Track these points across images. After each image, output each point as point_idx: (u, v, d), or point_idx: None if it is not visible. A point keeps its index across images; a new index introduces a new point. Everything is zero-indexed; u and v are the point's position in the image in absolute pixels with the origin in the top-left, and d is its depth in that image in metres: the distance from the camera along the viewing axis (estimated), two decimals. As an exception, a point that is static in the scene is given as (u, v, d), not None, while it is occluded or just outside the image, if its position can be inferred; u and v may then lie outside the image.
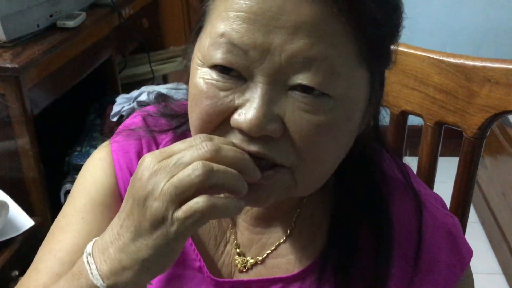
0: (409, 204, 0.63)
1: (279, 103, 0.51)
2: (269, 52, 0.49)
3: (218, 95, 0.52)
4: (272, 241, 0.65)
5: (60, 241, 0.66)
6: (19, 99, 1.25)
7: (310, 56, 0.49)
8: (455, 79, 0.80)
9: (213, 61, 0.52)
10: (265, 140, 0.51)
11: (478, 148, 0.81)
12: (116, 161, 0.68)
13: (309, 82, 0.50)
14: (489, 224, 2.11)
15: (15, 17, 1.33)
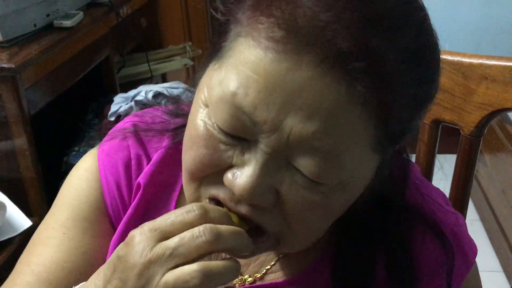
0: (433, 242, 0.60)
1: (277, 174, 0.47)
2: (279, 130, 0.45)
3: (217, 147, 0.48)
4: (271, 258, 0.63)
5: (40, 255, 0.63)
6: (16, 99, 1.25)
7: (317, 147, 0.45)
8: (452, 77, 0.79)
9: (216, 120, 0.48)
10: (252, 208, 0.48)
11: (476, 145, 0.80)
12: (102, 174, 0.64)
13: (309, 172, 0.46)
14: (489, 221, 2.11)
15: (12, 16, 1.32)
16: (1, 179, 1.33)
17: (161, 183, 0.64)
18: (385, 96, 0.45)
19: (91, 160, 0.66)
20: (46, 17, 1.47)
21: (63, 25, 1.48)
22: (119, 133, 0.66)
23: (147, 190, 0.63)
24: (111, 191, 0.64)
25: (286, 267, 0.62)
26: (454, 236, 0.61)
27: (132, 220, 0.63)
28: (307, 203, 0.48)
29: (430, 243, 0.60)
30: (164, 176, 0.64)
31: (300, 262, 0.61)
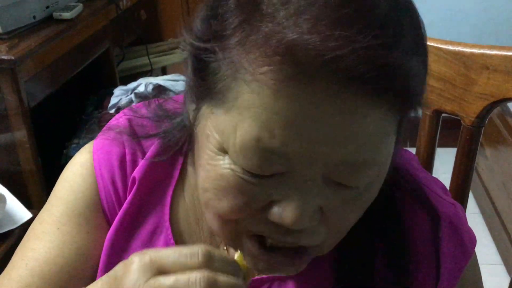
0: (423, 216, 0.60)
1: (318, 194, 0.46)
2: (315, 159, 0.44)
3: (253, 191, 0.46)
4: None
5: (34, 250, 0.63)
6: (16, 92, 1.25)
7: (358, 162, 0.44)
8: (453, 67, 0.79)
9: (245, 166, 0.45)
10: (301, 233, 0.47)
11: (477, 136, 0.80)
12: (97, 170, 0.64)
13: (355, 184, 0.46)
14: (490, 214, 2.11)
15: (11, 8, 1.33)
16: (1, 171, 1.33)
17: (157, 178, 0.63)
18: (406, 96, 0.45)
19: (87, 155, 0.65)
20: (46, 9, 1.47)
21: (63, 17, 1.48)
22: (114, 128, 0.65)
23: (142, 185, 0.63)
24: (106, 187, 0.63)
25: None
26: (452, 226, 0.61)
27: (128, 215, 0.63)
28: (350, 210, 0.48)
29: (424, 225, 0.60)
30: (159, 171, 0.63)
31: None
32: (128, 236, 0.63)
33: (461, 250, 0.61)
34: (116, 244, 0.62)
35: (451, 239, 0.61)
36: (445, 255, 0.61)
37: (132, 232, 0.63)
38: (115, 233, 0.62)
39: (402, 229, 0.59)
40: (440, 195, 0.63)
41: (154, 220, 0.63)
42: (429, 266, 0.60)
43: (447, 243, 0.61)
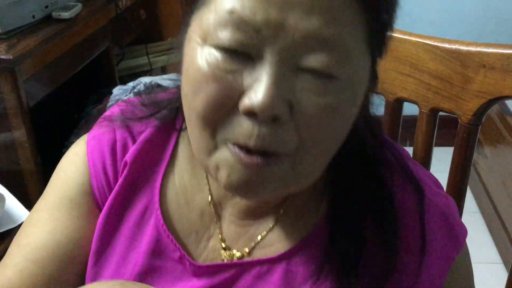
0: (409, 191, 0.61)
1: (287, 84, 0.48)
2: (283, 30, 0.46)
3: (225, 78, 0.48)
4: (259, 232, 0.63)
5: (28, 236, 0.65)
6: (15, 91, 1.25)
7: (325, 36, 0.47)
8: (450, 65, 0.79)
9: (220, 42, 0.48)
10: (271, 126, 0.48)
11: (474, 134, 0.80)
12: (89, 157, 0.66)
13: (322, 65, 0.48)
14: (489, 213, 2.11)
15: (10, 8, 1.33)
16: (1, 170, 1.33)
17: (147, 162, 0.65)
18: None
19: (81, 145, 0.67)
20: (45, 9, 1.47)
21: (62, 17, 1.48)
22: (107, 119, 0.68)
23: (133, 168, 0.64)
24: (98, 173, 0.65)
25: (276, 242, 0.62)
26: (443, 216, 0.61)
27: (119, 197, 0.64)
28: (320, 108, 0.49)
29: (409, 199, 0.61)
30: (150, 154, 0.65)
31: (290, 238, 0.61)
32: (119, 218, 0.64)
33: (452, 239, 0.62)
34: (108, 226, 0.64)
35: (442, 229, 0.61)
36: (435, 245, 0.61)
37: (123, 214, 0.64)
38: (106, 216, 0.64)
39: (390, 199, 0.60)
40: (432, 187, 0.64)
41: (144, 202, 0.64)
42: (414, 236, 0.60)
43: (437, 233, 0.61)
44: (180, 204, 0.64)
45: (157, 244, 0.62)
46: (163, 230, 0.63)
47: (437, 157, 0.90)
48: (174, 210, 0.64)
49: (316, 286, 0.59)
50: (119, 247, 0.64)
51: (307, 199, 0.63)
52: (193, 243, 0.63)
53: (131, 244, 0.63)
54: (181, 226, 0.63)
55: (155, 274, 0.62)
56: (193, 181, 0.65)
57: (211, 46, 0.49)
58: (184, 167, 0.65)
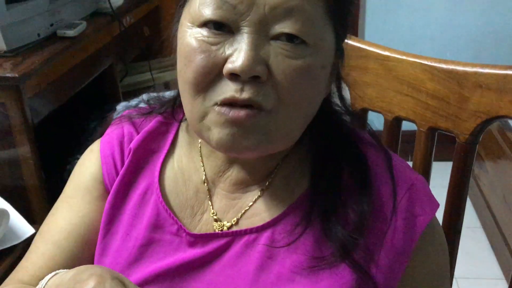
0: (380, 158, 0.69)
1: (263, 50, 0.57)
2: (254, 5, 0.56)
3: (210, 49, 0.58)
4: (247, 203, 0.70)
5: (48, 224, 0.76)
6: (20, 108, 1.26)
7: (290, 6, 0.57)
8: (447, 85, 0.81)
9: (204, 18, 0.58)
10: (253, 84, 0.57)
11: (471, 153, 0.81)
12: (101, 149, 0.76)
13: (290, 29, 0.57)
14: (491, 228, 2.11)
15: (15, 26, 1.34)
16: (5, 186, 1.34)
17: (149, 150, 0.75)
18: None
19: (95, 143, 0.79)
20: (50, 27, 1.48)
21: (67, 35, 1.49)
22: (117, 121, 0.80)
23: (137, 154, 0.74)
24: (107, 162, 0.75)
25: (261, 212, 0.68)
26: (413, 187, 0.67)
27: (124, 179, 0.74)
28: (293, 70, 0.58)
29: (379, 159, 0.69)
30: (152, 144, 0.75)
31: (277, 205, 0.68)
32: (123, 197, 0.73)
33: (420, 210, 0.67)
34: (114, 204, 0.73)
35: (410, 199, 0.67)
36: (401, 213, 0.66)
37: (127, 194, 0.73)
38: (113, 196, 0.73)
39: (363, 158, 0.69)
40: (404, 166, 0.70)
41: (145, 183, 0.73)
42: (386, 185, 0.67)
43: (404, 202, 0.66)
44: (178, 183, 0.73)
45: (157, 219, 0.71)
46: (162, 206, 0.71)
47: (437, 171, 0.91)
48: (172, 189, 0.72)
49: (294, 249, 0.65)
50: (124, 223, 0.72)
51: (291, 171, 0.70)
52: (189, 217, 0.71)
53: (134, 220, 0.72)
54: (178, 202, 0.72)
55: (155, 245, 0.70)
56: (190, 163, 0.73)
57: (198, 26, 0.59)
58: (183, 152, 0.74)
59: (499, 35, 2.53)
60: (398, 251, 0.65)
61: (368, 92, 0.92)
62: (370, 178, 0.67)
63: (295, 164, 0.70)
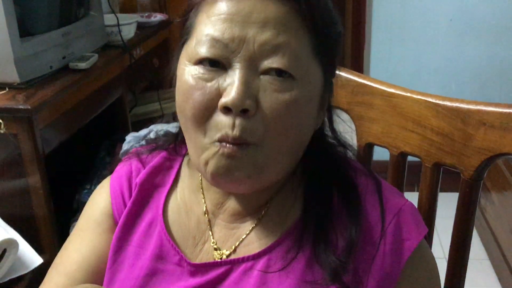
0: (370, 184, 0.73)
1: (253, 84, 0.62)
2: (244, 43, 0.61)
3: (205, 85, 0.63)
4: (244, 232, 0.73)
5: (61, 256, 0.80)
6: (31, 139, 1.28)
7: (276, 43, 0.62)
8: (452, 122, 0.82)
9: (199, 56, 0.63)
10: (243, 119, 0.61)
11: (476, 189, 0.82)
12: (111, 185, 0.81)
13: (278, 64, 0.62)
14: (498, 260, 2.09)
15: (29, 59, 1.37)
16: (14, 216, 1.35)
17: (154, 184, 0.79)
18: (308, 1, 0.63)
19: (106, 181, 0.84)
20: (62, 59, 1.51)
21: (78, 67, 1.53)
22: (126, 158, 0.84)
23: (142, 188, 0.79)
24: (117, 197, 0.80)
25: (257, 240, 0.71)
26: (401, 212, 0.70)
27: (130, 213, 0.77)
28: (281, 103, 0.62)
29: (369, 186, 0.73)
30: (157, 178, 0.79)
31: (272, 234, 0.71)
32: (130, 229, 0.77)
33: (407, 235, 0.69)
34: (121, 236, 0.76)
35: (397, 224, 0.69)
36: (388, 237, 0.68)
37: (133, 225, 0.77)
38: (121, 228, 0.77)
39: (353, 184, 0.72)
40: (394, 194, 0.73)
41: (151, 215, 0.77)
42: (375, 211, 0.70)
43: (391, 228, 0.69)
44: (181, 215, 0.76)
45: (160, 250, 0.74)
46: (165, 237, 0.74)
47: (443, 202, 0.92)
48: (175, 220, 0.76)
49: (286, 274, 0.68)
50: (129, 253, 0.76)
51: (284, 201, 0.73)
52: (191, 246, 0.74)
53: (140, 251, 0.75)
54: (181, 233, 0.75)
55: (158, 275, 0.73)
56: (192, 196, 0.77)
57: (194, 64, 0.64)
58: (185, 185, 0.79)
59: (504, 68, 2.55)
60: (386, 275, 0.67)
61: (373, 127, 0.93)
62: (359, 204, 0.70)
63: (288, 194, 0.74)
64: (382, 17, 2.56)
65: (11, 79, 1.34)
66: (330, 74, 0.71)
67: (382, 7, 2.55)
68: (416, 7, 2.51)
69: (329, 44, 0.68)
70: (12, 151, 1.29)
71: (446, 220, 0.81)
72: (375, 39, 2.61)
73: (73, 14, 1.62)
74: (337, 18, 0.69)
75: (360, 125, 0.95)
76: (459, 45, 2.55)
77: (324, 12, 0.66)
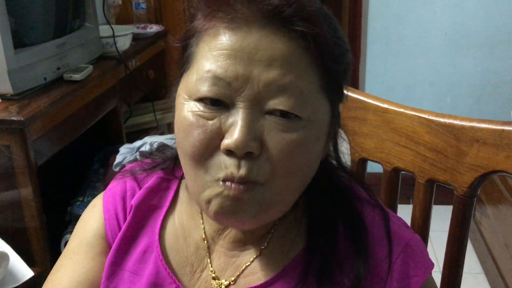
0: (377, 217, 0.70)
1: (258, 124, 0.58)
2: (249, 82, 0.57)
3: (206, 124, 0.59)
4: (245, 262, 0.70)
5: (52, 281, 0.75)
6: (24, 151, 1.27)
7: (283, 84, 0.57)
8: (445, 139, 0.82)
9: (200, 94, 0.59)
10: (248, 160, 0.58)
11: (469, 206, 0.82)
12: (104, 205, 0.77)
13: (283, 106, 0.58)
14: (493, 274, 2.09)
15: (23, 70, 1.36)
16: (6, 228, 1.34)
17: (150, 206, 0.76)
18: (315, 33, 0.58)
19: (98, 198, 0.80)
20: (57, 70, 1.51)
21: (73, 78, 1.52)
22: (120, 176, 0.80)
23: (138, 211, 0.75)
24: (110, 218, 0.76)
25: (258, 271, 0.69)
26: (408, 248, 0.68)
27: (125, 236, 0.74)
28: (287, 143, 0.59)
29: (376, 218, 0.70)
30: (153, 200, 0.76)
31: (274, 265, 0.69)
32: (124, 254, 0.74)
33: (414, 270, 0.67)
34: (114, 261, 0.74)
35: (404, 259, 0.67)
36: (395, 273, 0.66)
37: (128, 250, 0.74)
38: (114, 252, 0.74)
39: (359, 218, 0.70)
40: (400, 225, 0.71)
41: (146, 240, 0.74)
42: (382, 246, 0.68)
43: (398, 262, 0.67)
44: (179, 240, 0.73)
45: (156, 277, 0.71)
46: (161, 264, 0.71)
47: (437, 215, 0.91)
48: (172, 245, 0.73)
49: None
50: (124, 279, 0.73)
51: (287, 231, 0.71)
52: (188, 274, 0.72)
53: (134, 278, 0.72)
54: (178, 259, 0.72)
55: None
56: (190, 220, 0.74)
57: (195, 100, 0.60)
58: (183, 209, 0.75)
59: (499, 81, 2.56)
60: None
61: (367, 142, 0.93)
62: (367, 239, 0.67)
63: (291, 224, 0.71)
64: (377, 31, 2.58)
65: (5, 90, 1.34)
66: (338, 102, 0.67)
67: (378, 20, 2.56)
68: (411, 20, 2.52)
69: (339, 78, 0.64)
70: (5, 162, 1.28)
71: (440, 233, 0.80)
72: (370, 52, 2.62)
73: (68, 25, 1.62)
74: (347, 46, 0.65)
75: (353, 140, 0.95)
76: (454, 58, 2.56)
77: (334, 45, 0.61)
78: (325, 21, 0.61)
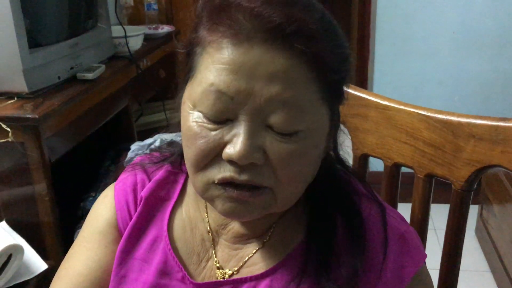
0: (374, 210, 0.73)
1: (259, 136, 0.61)
2: (251, 97, 0.59)
3: (209, 135, 0.62)
4: (247, 254, 0.74)
5: (66, 268, 0.79)
6: (38, 147, 1.31)
7: (283, 99, 0.60)
8: (442, 134, 0.84)
9: (205, 111, 0.62)
10: (251, 168, 0.61)
11: (467, 200, 0.84)
12: (116, 196, 0.81)
13: (283, 123, 0.60)
14: (499, 272, 2.10)
15: (37, 70, 1.41)
16: (21, 222, 1.38)
17: (159, 197, 0.79)
18: (316, 50, 0.59)
19: (109, 189, 0.84)
20: (70, 70, 1.55)
21: (86, 77, 1.56)
22: (130, 168, 0.84)
23: (148, 202, 0.79)
24: (122, 208, 0.80)
25: (260, 262, 0.72)
26: (402, 238, 0.71)
27: (135, 226, 0.78)
28: (288, 154, 0.61)
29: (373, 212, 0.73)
30: (162, 192, 0.79)
31: (275, 256, 0.72)
32: (134, 242, 0.77)
33: (408, 260, 0.70)
34: (125, 249, 0.77)
35: (398, 250, 0.70)
36: (390, 263, 0.69)
37: (138, 239, 0.77)
38: (125, 241, 0.77)
39: (357, 211, 0.72)
40: (396, 218, 0.74)
41: (155, 230, 0.77)
42: (378, 238, 0.71)
43: (392, 253, 0.70)
44: (186, 231, 0.77)
45: (165, 266, 0.75)
46: (170, 253, 0.75)
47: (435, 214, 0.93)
48: (180, 236, 0.77)
49: None
50: (133, 267, 0.76)
51: (288, 225, 0.74)
52: (194, 263, 0.75)
53: (144, 265, 0.76)
54: (185, 249, 0.76)
55: None
56: (196, 213, 0.78)
57: (199, 111, 0.63)
58: (190, 202, 0.79)
59: (507, 80, 2.56)
60: None
61: (368, 139, 0.96)
62: (364, 232, 0.70)
63: (292, 218, 0.74)
64: (385, 31, 2.59)
65: (20, 89, 1.38)
66: (338, 105, 0.70)
67: (386, 20, 2.58)
68: (419, 20, 2.54)
69: (339, 85, 0.67)
70: (19, 159, 1.33)
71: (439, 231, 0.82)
72: (378, 52, 2.63)
73: (82, 26, 1.66)
74: (347, 51, 0.66)
75: (355, 136, 0.98)
76: (462, 58, 2.56)
77: (334, 55, 0.63)
78: (326, 35, 0.62)
